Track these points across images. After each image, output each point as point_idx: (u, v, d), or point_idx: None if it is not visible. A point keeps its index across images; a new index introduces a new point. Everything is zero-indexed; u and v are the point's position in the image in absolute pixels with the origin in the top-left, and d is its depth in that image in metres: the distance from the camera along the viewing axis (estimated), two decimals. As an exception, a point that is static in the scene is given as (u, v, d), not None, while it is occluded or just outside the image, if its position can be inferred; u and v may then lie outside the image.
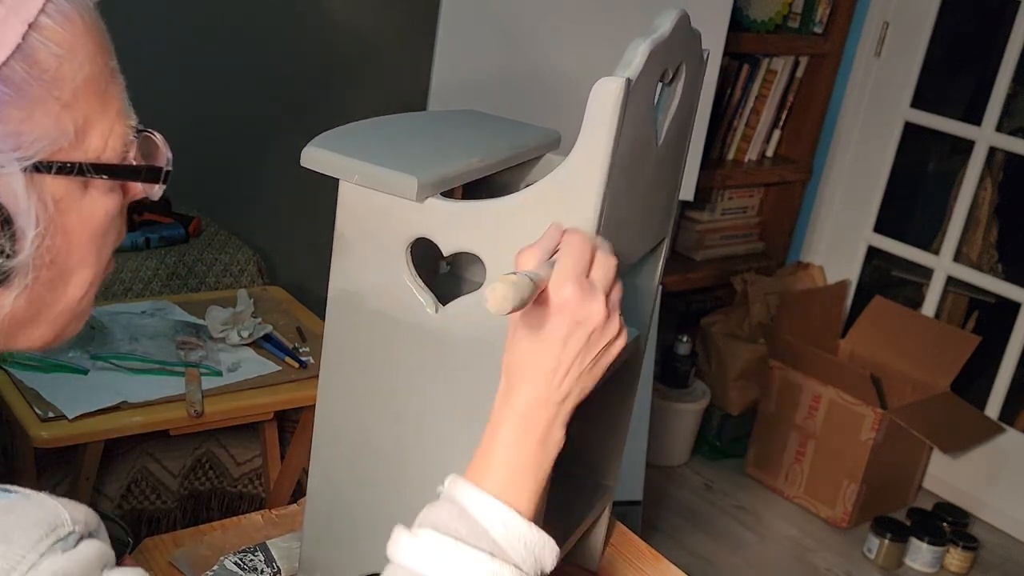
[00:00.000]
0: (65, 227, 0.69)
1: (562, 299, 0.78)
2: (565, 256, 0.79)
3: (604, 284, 0.80)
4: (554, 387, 0.80)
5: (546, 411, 0.81)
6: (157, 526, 1.98)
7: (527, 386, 0.80)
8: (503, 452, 0.81)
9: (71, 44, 0.66)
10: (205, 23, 2.32)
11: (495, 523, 0.78)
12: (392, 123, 1.06)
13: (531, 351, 0.80)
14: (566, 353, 0.79)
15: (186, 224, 2.16)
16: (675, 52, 0.97)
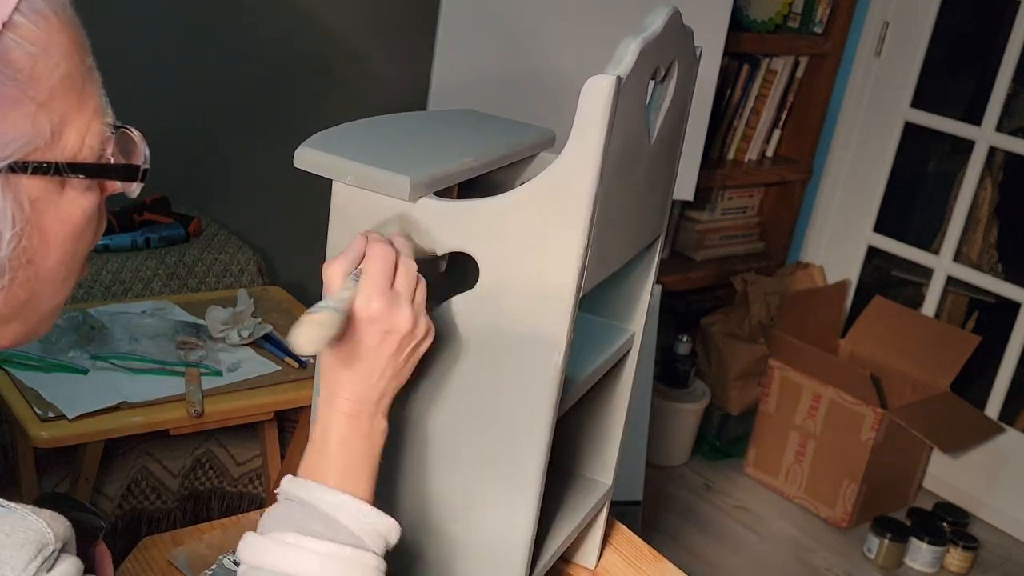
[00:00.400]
0: (42, 227, 0.69)
1: (371, 313, 0.85)
2: (370, 270, 0.85)
3: (408, 290, 0.87)
4: (372, 387, 0.87)
5: (367, 409, 0.88)
6: (157, 526, 1.98)
7: (348, 389, 0.87)
8: (337, 450, 0.87)
9: (46, 42, 0.66)
10: (204, 22, 2.32)
11: (349, 517, 0.84)
12: (386, 123, 1.07)
13: (346, 358, 0.86)
14: (379, 359, 0.87)
15: (186, 224, 2.17)
16: (667, 50, 0.97)
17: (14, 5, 0.64)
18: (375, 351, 0.86)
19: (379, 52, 2.58)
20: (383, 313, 0.85)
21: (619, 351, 1.19)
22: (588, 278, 0.94)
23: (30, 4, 0.65)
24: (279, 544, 0.82)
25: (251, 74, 2.42)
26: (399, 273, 0.87)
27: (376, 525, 0.85)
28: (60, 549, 0.67)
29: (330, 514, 0.83)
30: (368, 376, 0.87)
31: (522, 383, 0.96)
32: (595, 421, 1.28)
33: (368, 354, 0.86)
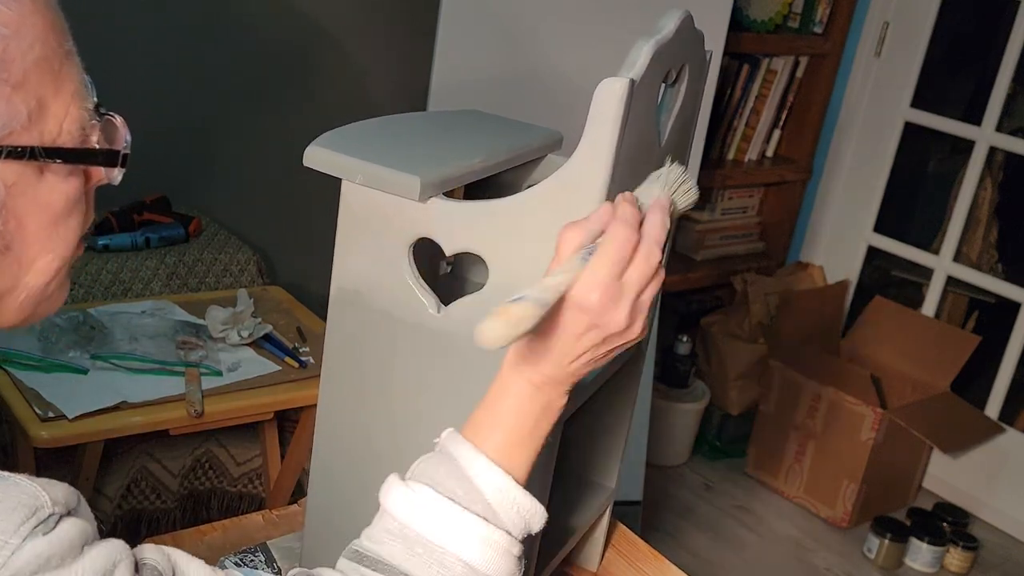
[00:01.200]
0: (18, 212, 0.67)
1: (585, 304, 0.77)
2: (602, 256, 0.78)
3: (637, 286, 0.79)
4: (563, 368, 0.80)
5: (554, 388, 0.81)
6: (157, 526, 1.98)
7: (538, 363, 0.80)
8: (506, 417, 0.81)
9: (18, 24, 0.65)
10: (204, 22, 2.32)
11: (491, 488, 0.79)
12: (394, 123, 1.06)
13: (548, 337, 0.80)
14: (579, 347, 0.79)
15: (186, 224, 2.16)
16: (678, 53, 0.97)
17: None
18: (577, 339, 0.79)
19: (379, 52, 2.57)
20: (599, 309, 0.77)
21: (624, 354, 1.18)
22: (597, 280, 0.94)
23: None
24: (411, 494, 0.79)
25: (251, 74, 2.41)
26: (634, 264, 0.78)
27: (519, 504, 0.80)
28: (63, 514, 0.65)
29: (472, 479, 0.79)
30: (562, 358, 0.80)
31: (531, 386, 0.96)
32: (599, 425, 1.27)
33: (568, 339, 0.79)
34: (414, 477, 0.81)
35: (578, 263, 0.78)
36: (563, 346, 0.80)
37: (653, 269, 0.79)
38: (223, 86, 2.39)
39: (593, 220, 0.80)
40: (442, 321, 0.97)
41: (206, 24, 2.32)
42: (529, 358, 0.81)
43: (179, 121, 2.35)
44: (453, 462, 0.80)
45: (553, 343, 0.80)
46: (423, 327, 0.98)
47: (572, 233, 0.80)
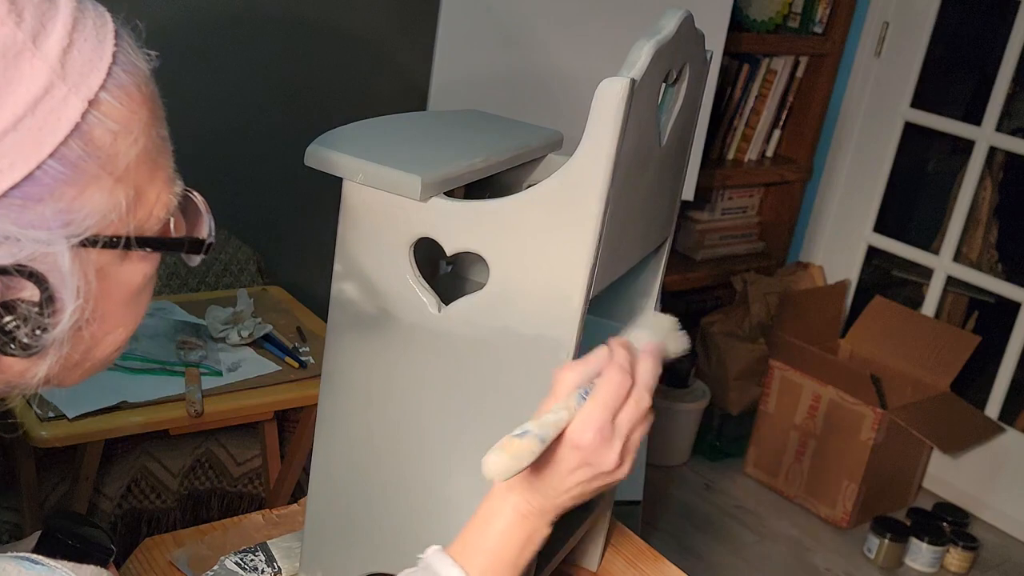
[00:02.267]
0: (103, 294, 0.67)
1: (579, 443, 0.82)
2: (597, 398, 0.82)
3: (629, 426, 0.84)
4: (551, 500, 0.85)
5: (540, 518, 0.85)
6: (157, 526, 1.98)
7: (530, 494, 0.85)
8: (492, 542, 0.85)
9: (128, 120, 0.65)
10: (203, 23, 2.32)
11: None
12: (395, 123, 1.06)
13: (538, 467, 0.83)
14: (569, 481, 0.84)
15: (186, 224, 2.16)
16: (679, 53, 0.97)
17: (101, 82, 0.63)
18: (569, 474, 0.83)
19: (379, 52, 2.57)
20: (592, 448, 0.82)
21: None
22: (598, 280, 0.94)
23: (115, 80, 0.64)
24: None
25: (251, 75, 2.41)
26: (626, 407, 0.84)
27: None
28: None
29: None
30: (552, 491, 0.84)
31: (530, 385, 0.96)
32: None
33: (561, 474, 0.83)
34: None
35: (576, 401, 0.83)
36: (554, 480, 0.84)
37: (643, 413, 0.85)
38: (223, 86, 2.39)
39: (591, 362, 0.84)
40: (442, 321, 0.97)
41: (205, 24, 2.32)
42: (520, 488, 0.85)
43: (179, 121, 2.35)
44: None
45: (546, 476, 0.84)
46: (423, 327, 0.98)
47: (570, 373, 0.84)
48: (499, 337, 0.96)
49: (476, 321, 0.96)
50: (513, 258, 0.93)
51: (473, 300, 0.96)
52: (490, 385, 0.98)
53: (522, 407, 0.97)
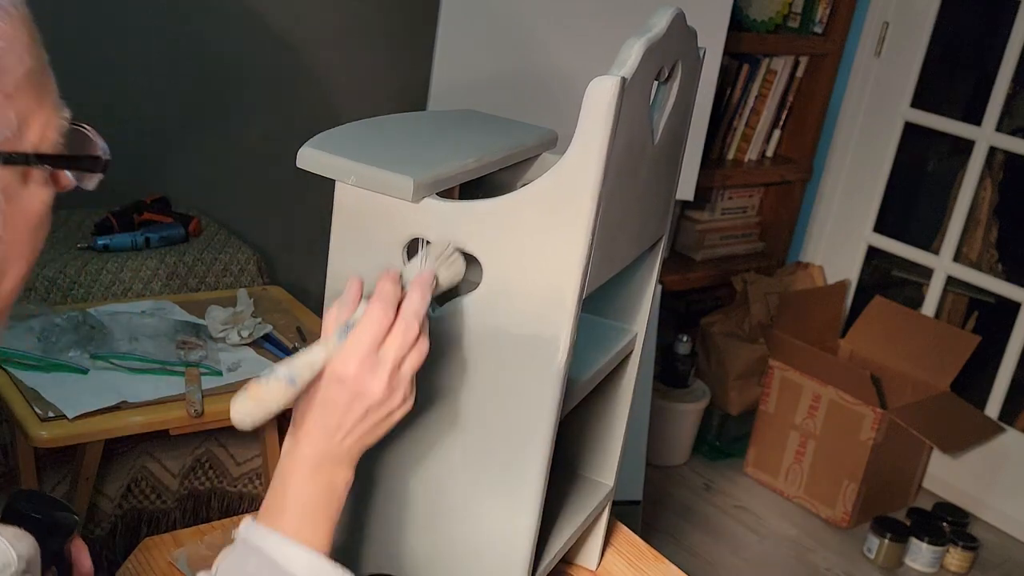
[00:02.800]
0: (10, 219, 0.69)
1: (343, 374, 0.84)
2: (358, 331, 0.84)
3: (395, 357, 0.85)
4: (336, 444, 0.86)
5: (329, 462, 0.86)
6: (157, 526, 1.98)
7: (311, 440, 0.85)
8: (295, 497, 0.85)
9: (11, 37, 0.67)
10: (202, 22, 2.32)
11: (301, 569, 0.83)
12: (388, 123, 1.07)
13: (315, 411, 0.85)
14: (346, 419, 0.85)
15: (186, 224, 2.16)
16: (671, 51, 0.97)
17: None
18: (342, 411, 0.84)
19: (379, 52, 2.58)
20: (356, 378, 0.83)
21: (621, 352, 1.19)
22: (591, 279, 0.94)
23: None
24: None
25: (251, 74, 2.42)
26: (392, 337, 0.85)
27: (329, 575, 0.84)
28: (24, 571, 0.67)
29: (284, 567, 0.82)
30: (332, 433, 0.85)
31: (525, 384, 0.96)
32: (597, 422, 1.27)
33: (334, 412, 0.84)
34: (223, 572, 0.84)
35: (334, 339, 0.83)
36: (331, 421, 0.84)
37: (411, 342, 0.85)
38: (224, 86, 2.39)
39: (346, 295, 0.86)
40: (437, 321, 0.97)
41: (206, 24, 2.32)
42: (302, 440, 0.85)
43: (179, 121, 2.36)
44: (260, 554, 0.83)
45: (322, 420, 0.84)
46: (418, 326, 0.98)
47: (330, 315, 0.86)
48: (494, 337, 0.96)
49: (470, 321, 0.97)
50: (506, 258, 0.93)
51: (467, 300, 0.96)
52: (485, 384, 0.98)
53: (517, 405, 0.98)
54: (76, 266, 1.98)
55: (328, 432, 0.85)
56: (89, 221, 2.14)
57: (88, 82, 2.19)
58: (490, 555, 1.03)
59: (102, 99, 2.23)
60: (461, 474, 1.01)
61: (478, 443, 1.00)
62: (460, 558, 1.04)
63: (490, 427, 0.99)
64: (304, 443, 0.86)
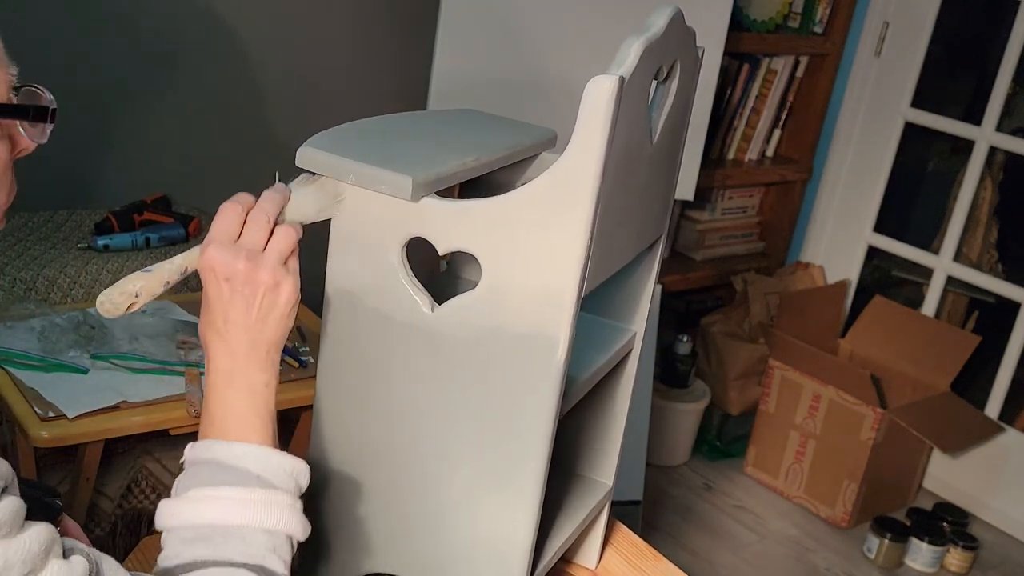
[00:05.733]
0: None
1: (206, 260, 0.87)
2: (212, 225, 0.88)
3: (254, 242, 0.88)
4: (236, 343, 0.88)
5: (238, 364, 0.89)
6: (157, 526, 1.98)
7: (215, 350, 0.89)
8: (220, 409, 0.88)
9: None
10: (202, 22, 2.32)
11: (253, 462, 0.85)
12: (387, 122, 1.07)
13: (206, 317, 0.88)
14: (233, 312, 0.87)
15: (186, 224, 2.16)
16: (669, 50, 0.97)
17: None
18: (224, 303, 0.87)
19: (379, 52, 2.58)
20: (216, 259, 0.86)
21: (620, 351, 1.19)
22: (590, 278, 0.94)
23: None
24: (191, 502, 0.84)
25: (251, 74, 2.42)
26: (247, 227, 0.88)
27: (283, 466, 0.87)
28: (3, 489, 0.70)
29: (235, 464, 0.85)
30: (228, 332, 0.88)
31: (524, 383, 0.96)
32: (596, 421, 1.28)
33: (219, 306, 0.87)
34: (181, 490, 0.86)
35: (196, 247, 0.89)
36: (220, 319, 0.87)
37: (264, 230, 0.88)
38: (224, 86, 2.39)
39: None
40: (436, 320, 0.97)
41: (206, 25, 2.33)
42: (210, 353, 0.89)
43: (179, 121, 2.36)
44: (209, 463, 0.86)
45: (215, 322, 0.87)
46: (417, 326, 0.98)
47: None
48: (492, 336, 0.96)
49: (469, 320, 0.97)
50: (505, 257, 0.93)
51: (466, 299, 0.96)
52: (484, 383, 0.98)
53: (516, 404, 0.98)
54: (76, 266, 1.98)
55: (221, 335, 0.88)
56: (89, 221, 2.14)
57: (88, 82, 2.19)
58: (489, 554, 1.03)
59: (103, 99, 2.23)
60: (460, 473, 1.02)
61: (477, 442, 1.00)
62: (460, 557, 1.04)
63: (489, 426, 0.99)
64: (209, 359, 0.89)
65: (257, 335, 0.88)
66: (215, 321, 0.88)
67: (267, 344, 0.89)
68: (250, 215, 0.88)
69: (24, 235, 2.06)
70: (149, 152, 2.33)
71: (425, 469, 1.03)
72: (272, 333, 0.89)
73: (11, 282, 1.89)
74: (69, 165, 2.20)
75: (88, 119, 2.20)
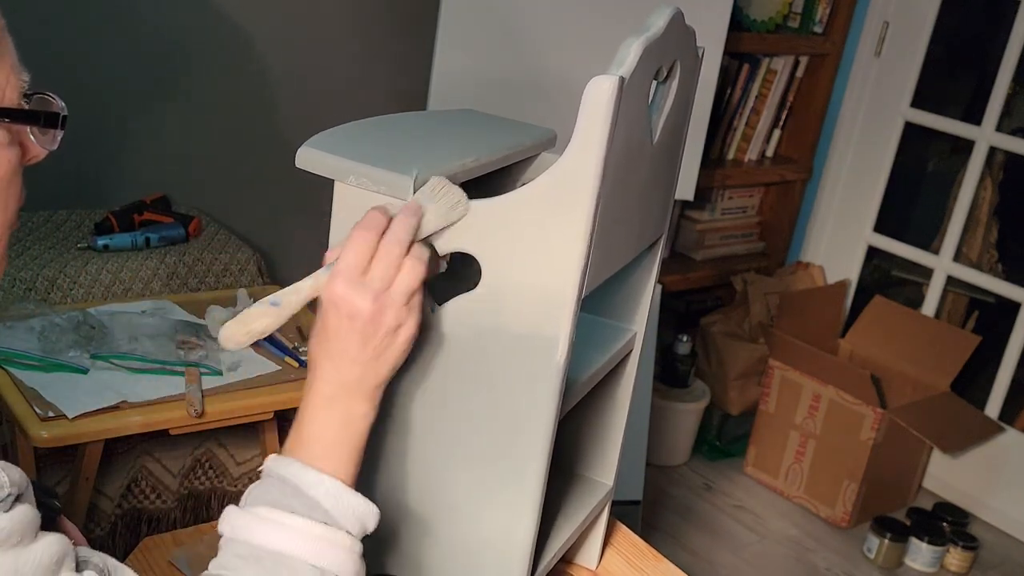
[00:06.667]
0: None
1: (331, 295, 0.86)
2: (342, 256, 0.86)
3: (383, 279, 0.86)
4: (346, 372, 0.87)
5: (343, 392, 0.87)
6: (157, 526, 1.98)
7: (323, 373, 0.88)
8: (311, 430, 0.88)
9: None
10: (202, 22, 2.32)
11: (325, 496, 0.84)
12: (387, 123, 1.07)
13: (321, 342, 0.87)
14: (348, 344, 0.86)
15: (186, 224, 2.17)
16: (669, 50, 0.97)
17: None
18: (342, 336, 0.86)
19: (379, 52, 2.58)
20: (343, 297, 0.85)
21: (621, 351, 1.19)
22: (590, 278, 0.94)
23: None
24: (254, 517, 0.83)
25: (251, 73, 2.42)
26: (376, 260, 0.86)
27: (353, 506, 0.85)
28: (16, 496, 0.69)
29: (306, 491, 0.84)
30: (340, 361, 0.87)
31: (524, 383, 0.96)
32: (596, 421, 1.28)
33: (336, 338, 0.86)
34: (251, 503, 0.85)
35: (323, 271, 0.87)
36: (331, 349, 0.86)
37: (394, 264, 0.86)
38: (224, 86, 2.39)
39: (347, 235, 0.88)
40: (436, 320, 0.97)
41: (205, 25, 2.33)
42: (314, 377, 0.88)
43: (179, 121, 2.36)
44: (284, 482, 0.85)
45: (323, 350, 0.87)
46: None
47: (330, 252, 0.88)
48: (492, 336, 0.96)
49: (469, 321, 0.97)
50: (505, 257, 0.93)
51: (466, 300, 0.96)
52: (484, 384, 0.98)
53: (516, 405, 0.98)
54: (76, 266, 1.98)
55: (333, 362, 0.87)
56: (89, 221, 2.14)
57: (88, 81, 2.19)
58: (490, 554, 1.03)
59: (103, 98, 2.23)
60: (460, 473, 1.02)
61: (477, 442, 1.00)
62: (460, 557, 1.04)
63: (489, 426, 0.99)
64: (315, 379, 0.88)
65: (368, 370, 0.87)
66: (330, 348, 0.87)
67: (376, 379, 0.88)
68: (382, 246, 0.86)
69: (24, 235, 2.06)
70: (149, 152, 2.34)
71: (425, 470, 1.03)
72: (385, 369, 0.89)
73: (11, 282, 1.89)
74: (69, 165, 2.19)
75: (88, 119, 2.20)
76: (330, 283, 0.86)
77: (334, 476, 0.85)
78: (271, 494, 0.84)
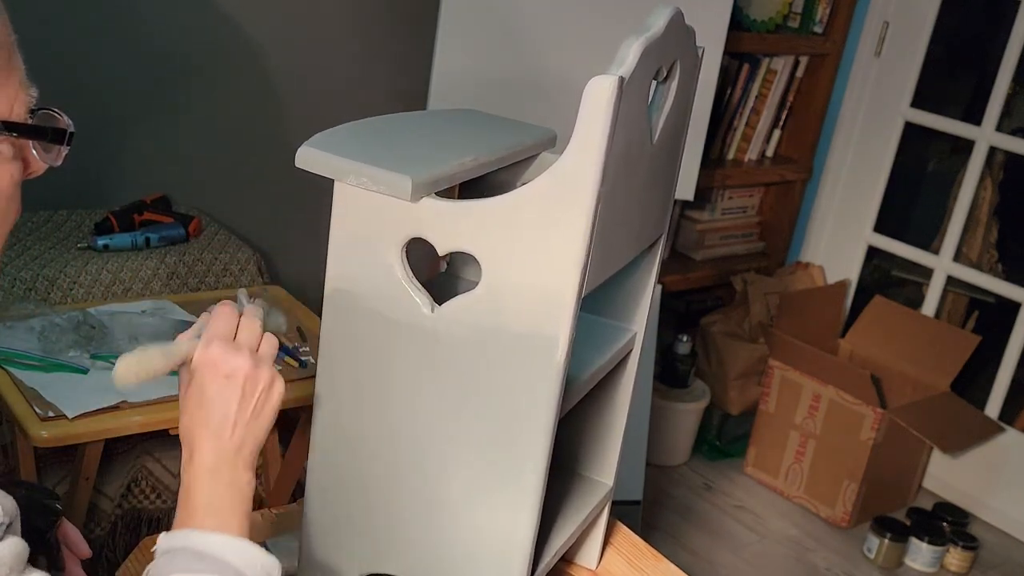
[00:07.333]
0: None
1: (208, 356, 0.89)
2: (209, 324, 0.91)
3: (251, 342, 0.92)
4: (227, 440, 0.89)
5: (226, 462, 0.89)
6: (157, 526, 1.98)
7: (204, 445, 0.89)
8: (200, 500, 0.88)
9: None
10: (202, 22, 2.32)
11: (232, 553, 0.84)
12: (387, 123, 1.07)
13: (198, 414, 0.88)
14: (227, 408, 0.88)
15: (186, 224, 2.17)
16: (669, 50, 0.97)
17: None
18: (221, 399, 0.88)
19: (379, 52, 2.58)
20: (220, 356, 0.88)
21: (621, 351, 1.19)
22: (590, 278, 0.94)
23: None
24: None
25: (251, 73, 2.42)
26: (242, 328, 0.92)
27: (259, 559, 0.86)
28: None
29: (214, 554, 0.84)
30: (221, 429, 0.88)
31: (524, 383, 0.96)
32: (596, 421, 1.28)
33: (214, 404, 0.88)
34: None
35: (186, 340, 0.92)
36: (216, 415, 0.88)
37: (258, 331, 0.93)
38: (223, 86, 2.39)
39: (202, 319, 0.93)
40: (436, 320, 0.97)
41: (205, 25, 2.33)
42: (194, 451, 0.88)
43: (179, 121, 2.36)
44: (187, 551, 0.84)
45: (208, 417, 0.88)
46: (417, 326, 0.98)
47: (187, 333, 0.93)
48: (492, 336, 0.96)
49: (469, 320, 0.97)
50: (505, 257, 0.93)
51: (466, 299, 0.96)
52: (484, 384, 0.98)
53: (517, 404, 0.98)
54: (76, 266, 1.98)
55: (216, 429, 0.89)
56: (89, 221, 2.14)
57: (88, 81, 2.19)
58: (490, 554, 1.03)
59: (103, 98, 2.23)
60: (460, 473, 1.02)
61: (477, 442, 1.00)
62: (460, 557, 1.04)
63: (489, 426, 0.99)
64: (194, 451, 0.89)
65: (248, 433, 0.90)
66: (210, 419, 0.88)
67: (255, 442, 0.91)
68: (244, 317, 0.93)
69: (24, 235, 2.06)
70: (149, 152, 2.33)
71: (425, 469, 1.03)
72: (261, 431, 0.92)
73: (11, 282, 1.89)
74: (69, 165, 2.19)
75: (88, 119, 2.19)
76: (205, 348, 0.89)
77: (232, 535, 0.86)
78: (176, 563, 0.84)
